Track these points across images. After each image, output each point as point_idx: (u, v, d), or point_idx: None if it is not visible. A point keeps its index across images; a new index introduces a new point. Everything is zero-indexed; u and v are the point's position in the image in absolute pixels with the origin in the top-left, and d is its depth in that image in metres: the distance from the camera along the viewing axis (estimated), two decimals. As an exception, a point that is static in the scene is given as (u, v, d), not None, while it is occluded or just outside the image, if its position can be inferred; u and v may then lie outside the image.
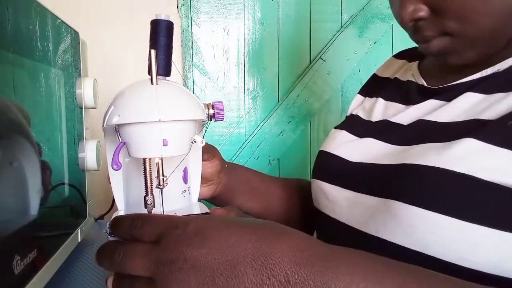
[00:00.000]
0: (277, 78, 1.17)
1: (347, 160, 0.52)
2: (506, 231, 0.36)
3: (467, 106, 0.42)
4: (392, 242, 0.41)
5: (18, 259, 0.38)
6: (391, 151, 0.47)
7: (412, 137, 0.45)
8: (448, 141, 0.40)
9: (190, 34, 1.12)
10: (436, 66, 0.52)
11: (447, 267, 0.37)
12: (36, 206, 0.44)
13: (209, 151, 0.56)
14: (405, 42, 1.16)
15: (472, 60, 0.44)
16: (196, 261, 0.28)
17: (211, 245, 0.29)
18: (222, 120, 0.47)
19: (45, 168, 0.47)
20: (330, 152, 0.55)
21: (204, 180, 0.59)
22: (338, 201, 0.50)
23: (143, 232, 0.32)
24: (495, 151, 0.37)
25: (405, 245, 0.40)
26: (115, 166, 0.42)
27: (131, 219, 0.33)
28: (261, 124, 1.16)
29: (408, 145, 0.45)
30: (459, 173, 0.37)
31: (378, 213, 0.43)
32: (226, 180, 0.62)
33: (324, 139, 1.19)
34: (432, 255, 0.38)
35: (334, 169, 0.53)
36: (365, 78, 1.18)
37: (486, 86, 0.42)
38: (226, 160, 0.64)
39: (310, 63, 1.17)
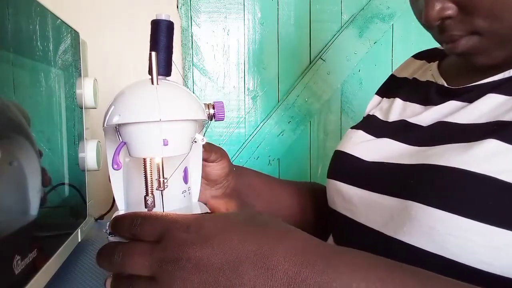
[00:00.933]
0: (277, 78, 1.17)
1: (363, 159, 0.51)
2: None
3: (490, 107, 0.41)
4: (411, 244, 0.40)
5: (18, 259, 0.38)
6: (409, 151, 0.46)
7: (431, 138, 0.44)
8: (469, 142, 0.39)
9: (190, 34, 1.12)
10: (456, 66, 0.51)
11: (467, 270, 0.36)
12: (36, 206, 0.44)
13: (217, 152, 0.55)
14: (405, 42, 1.15)
15: (500, 60, 0.43)
16: (199, 260, 0.28)
17: (214, 245, 0.29)
18: (222, 120, 0.47)
19: (44, 174, 0.47)
20: (346, 151, 0.54)
21: (212, 183, 0.58)
22: (355, 201, 0.50)
23: (144, 231, 0.32)
24: None
25: (424, 248, 0.39)
26: (115, 166, 0.42)
27: (131, 218, 0.33)
28: (261, 124, 1.16)
29: (427, 146, 0.44)
30: (480, 174, 0.36)
31: (397, 214, 0.42)
32: (234, 184, 0.61)
33: (324, 139, 1.19)
34: (452, 258, 0.37)
35: (350, 168, 0.52)
36: (365, 78, 1.19)
37: (509, 87, 0.41)
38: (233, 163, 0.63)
39: (310, 63, 1.17)
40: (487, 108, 0.41)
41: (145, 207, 0.41)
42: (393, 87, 0.60)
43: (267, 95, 1.17)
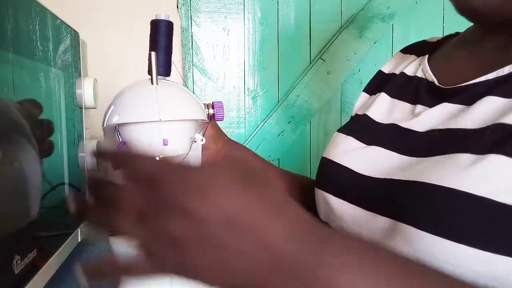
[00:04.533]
0: (277, 78, 1.17)
1: (354, 171, 0.48)
2: None
3: (488, 112, 0.38)
4: None
5: (18, 259, 0.38)
6: (401, 162, 0.43)
7: (425, 147, 0.41)
8: (466, 154, 0.36)
9: (190, 34, 1.12)
10: (447, 62, 0.48)
11: None
12: (36, 206, 0.44)
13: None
14: (405, 42, 1.16)
15: (496, 7, 0.38)
16: (195, 212, 0.27)
17: (211, 199, 0.27)
18: (222, 120, 0.47)
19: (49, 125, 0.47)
20: (335, 160, 0.51)
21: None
22: (346, 218, 0.47)
23: (137, 170, 0.30)
24: None
25: None
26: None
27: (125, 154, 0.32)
28: (261, 124, 1.16)
29: (420, 157, 0.41)
30: (478, 196, 0.33)
31: (388, 236, 0.39)
32: (226, 153, 0.58)
33: (324, 139, 1.19)
34: None
35: (340, 180, 0.49)
36: (365, 78, 1.19)
37: (505, 88, 0.38)
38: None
39: (310, 63, 1.17)
40: (486, 112, 0.38)
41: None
42: (380, 84, 0.57)
43: (267, 95, 1.17)
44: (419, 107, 0.46)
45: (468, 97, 0.41)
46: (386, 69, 0.59)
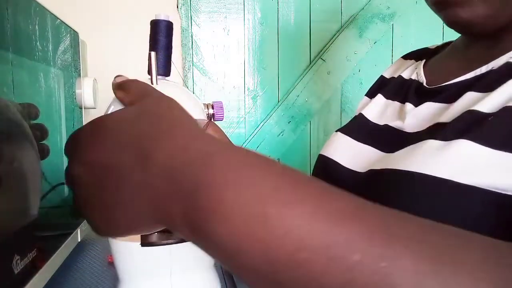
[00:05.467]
0: (277, 78, 1.17)
1: (343, 166, 0.51)
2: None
3: (465, 106, 0.40)
4: None
5: (18, 258, 0.38)
6: (381, 157, 0.46)
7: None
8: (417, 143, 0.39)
9: (190, 34, 1.12)
10: (438, 65, 0.52)
11: None
12: (36, 206, 0.44)
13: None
14: (405, 42, 1.15)
15: (480, 18, 0.40)
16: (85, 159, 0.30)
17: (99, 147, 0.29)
18: (221, 120, 0.47)
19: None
20: (328, 156, 0.54)
21: None
22: None
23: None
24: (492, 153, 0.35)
25: None
26: (114, 166, 0.41)
27: None
28: (261, 124, 1.16)
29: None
30: (435, 177, 0.36)
31: None
32: None
33: (324, 139, 1.19)
34: None
35: (330, 174, 0.52)
36: (365, 78, 1.19)
37: (482, 84, 0.41)
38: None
39: (310, 63, 1.17)
40: (463, 106, 0.40)
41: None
42: (380, 88, 0.60)
43: (267, 95, 1.17)
44: (407, 106, 0.49)
45: (448, 95, 0.44)
46: (387, 74, 0.63)
